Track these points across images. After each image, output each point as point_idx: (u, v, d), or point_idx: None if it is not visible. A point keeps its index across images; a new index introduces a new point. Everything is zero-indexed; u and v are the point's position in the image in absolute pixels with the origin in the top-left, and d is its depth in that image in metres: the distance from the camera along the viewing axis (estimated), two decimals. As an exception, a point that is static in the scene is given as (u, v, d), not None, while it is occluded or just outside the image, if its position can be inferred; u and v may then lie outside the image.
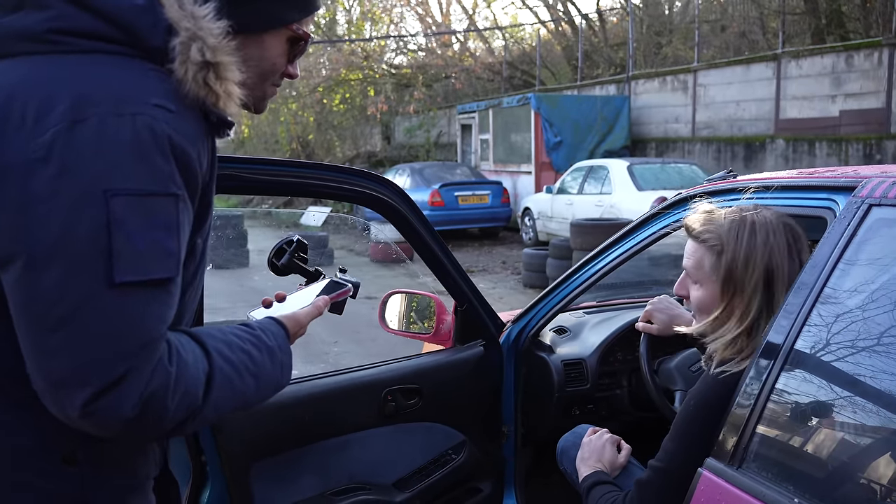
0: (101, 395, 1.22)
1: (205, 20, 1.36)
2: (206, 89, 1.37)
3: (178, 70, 1.34)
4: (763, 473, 1.62)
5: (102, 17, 1.33)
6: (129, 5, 1.34)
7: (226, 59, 1.38)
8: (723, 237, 1.98)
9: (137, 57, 1.35)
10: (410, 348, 3.30)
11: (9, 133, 1.25)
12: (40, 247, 1.22)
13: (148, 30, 1.34)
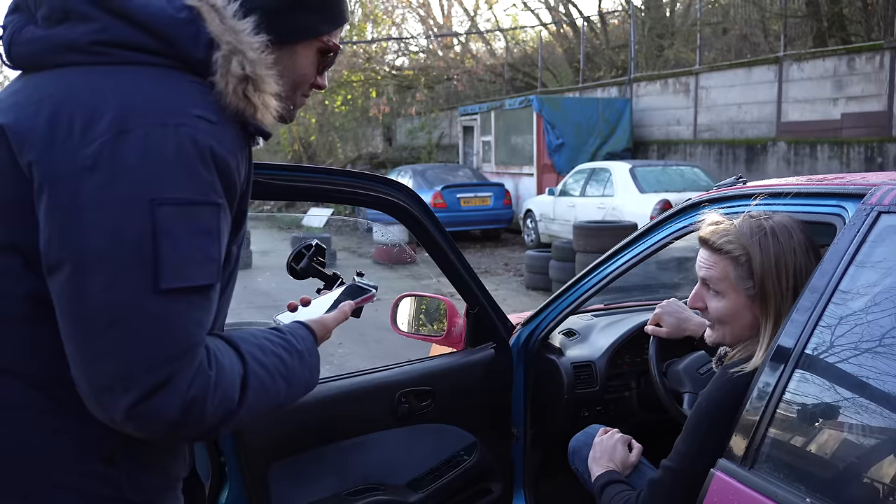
0: (145, 399, 1.26)
1: (245, 34, 1.41)
2: (245, 101, 1.41)
3: (218, 82, 1.39)
4: (775, 474, 1.66)
5: (146, 30, 1.36)
6: (171, 19, 1.37)
7: (264, 73, 1.43)
8: (746, 246, 2.01)
9: (178, 69, 1.39)
10: (415, 350, 3.34)
11: (57, 143, 1.28)
12: (88, 254, 1.26)
13: (190, 42, 1.38)
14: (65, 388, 1.34)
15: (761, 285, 2.01)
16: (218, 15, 1.40)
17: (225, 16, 1.40)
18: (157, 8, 1.37)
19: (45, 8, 1.39)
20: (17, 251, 1.33)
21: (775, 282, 1.99)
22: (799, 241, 1.99)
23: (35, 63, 1.40)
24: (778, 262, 1.97)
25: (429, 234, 2.69)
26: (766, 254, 1.99)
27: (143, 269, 1.26)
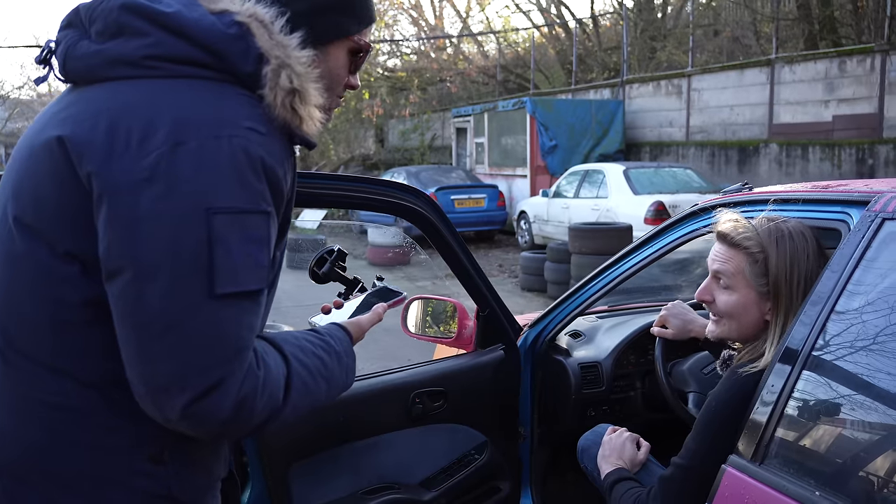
0: (200, 399, 1.32)
1: (292, 49, 1.47)
2: (292, 113, 1.47)
3: (268, 95, 1.44)
4: (785, 469, 1.73)
5: (197, 45, 1.42)
6: (222, 34, 1.43)
7: (310, 86, 1.49)
8: (765, 244, 2.09)
9: (227, 82, 1.44)
10: (414, 350, 3.39)
11: (115, 155, 1.34)
12: (147, 260, 1.32)
13: (240, 57, 1.44)
14: (118, 388, 1.40)
15: (775, 284, 2.09)
16: (267, 31, 1.45)
17: (273, 31, 1.46)
18: (208, 23, 1.43)
19: (99, 24, 1.44)
20: (76, 259, 1.38)
21: (788, 282, 2.07)
22: (812, 247, 2.06)
23: (89, 76, 1.45)
24: (792, 264, 2.05)
25: (444, 238, 2.76)
26: (782, 254, 2.06)
27: (199, 275, 1.32)
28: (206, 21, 1.43)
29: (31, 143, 1.47)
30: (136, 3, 1.43)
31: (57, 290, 1.40)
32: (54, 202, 1.39)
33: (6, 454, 1.43)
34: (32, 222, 1.41)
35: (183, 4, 1.44)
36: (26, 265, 1.41)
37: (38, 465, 1.42)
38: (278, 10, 1.48)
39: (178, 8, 1.43)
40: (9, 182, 1.49)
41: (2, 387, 1.44)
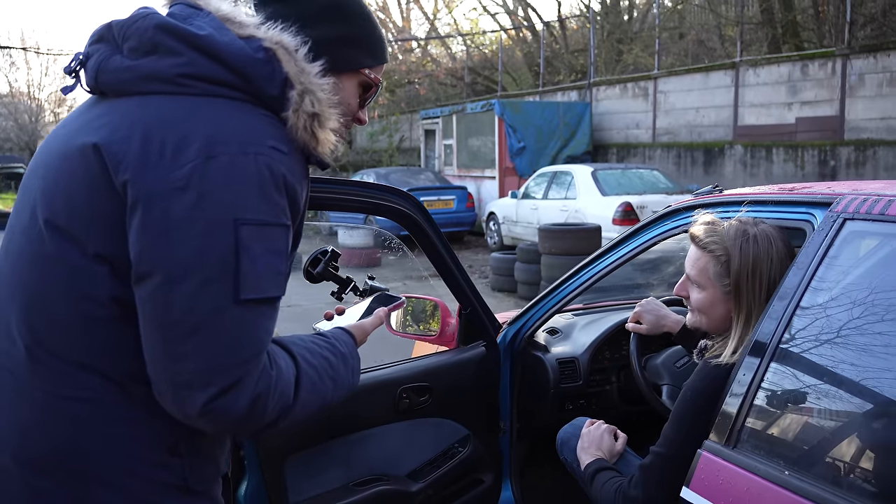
0: (219, 397, 1.41)
1: (314, 76, 1.58)
2: (310, 135, 1.58)
3: (290, 118, 1.55)
4: (756, 451, 1.87)
5: (227, 67, 1.52)
6: (251, 58, 1.53)
7: (329, 111, 1.60)
8: (728, 247, 2.22)
9: (252, 103, 1.54)
10: (391, 347, 3.48)
11: (150, 164, 1.43)
12: (178, 265, 1.41)
13: (266, 80, 1.54)
14: (138, 384, 1.49)
15: (736, 284, 2.23)
16: (292, 57, 1.56)
17: (297, 58, 1.57)
18: (238, 47, 1.53)
19: (133, 41, 1.53)
20: (106, 260, 1.47)
21: (749, 283, 2.20)
22: (778, 250, 2.19)
23: (120, 89, 1.54)
24: (755, 266, 2.18)
25: (430, 239, 2.87)
26: (744, 256, 2.20)
27: (226, 281, 1.42)
28: (236, 45, 1.54)
29: (64, 148, 1.55)
30: (170, 24, 1.53)
31: (86, 289, 1.48)
32: (88, 206, 1.47)
33: (34, 450, 1.51)
34: (65, 225, 1.49)
35: (214, 28, 1.55)
36: (57, 266, 1.49)
37: (66, 460, 1.50)
38: (302, 38, 1.59)
39: (210, 31, 1.53)
40: (36, 185, 1.57)
41: (29, 384, 1.52)
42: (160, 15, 1.57)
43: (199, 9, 1.61)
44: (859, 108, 14.86)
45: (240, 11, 1.62)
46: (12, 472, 1.51)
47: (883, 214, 1.88)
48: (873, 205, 1.92)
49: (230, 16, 1.60)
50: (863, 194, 1.98)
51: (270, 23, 1.60)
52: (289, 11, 1.64)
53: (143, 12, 1.57)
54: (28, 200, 1.59)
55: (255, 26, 1.59)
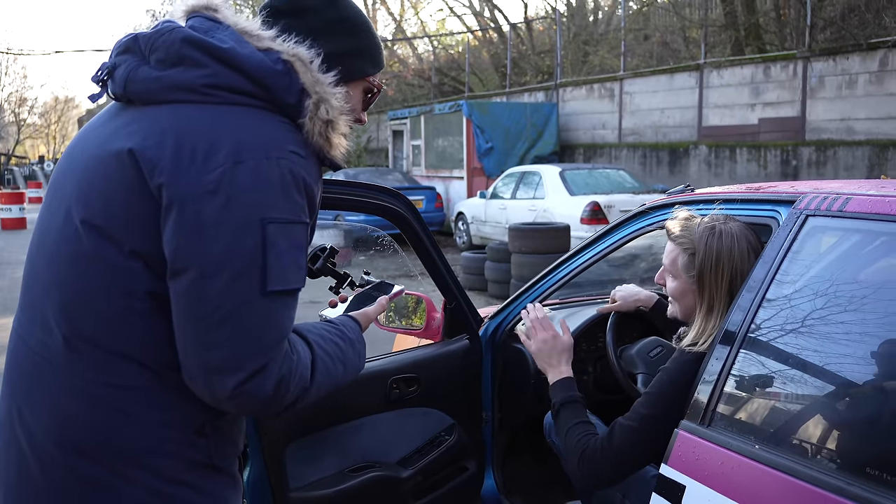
0: (249, 380, 1.55)
1: (329, 86, 1.73)
2: (324, 140, 1.72)
3: (307, 124, 1.69)
4: (730, 429, 2.03)
5: (249, 78, 1.66)
6: (270, 70, 1.67)
7: (341, 117, 1.75)
8: (695, 241, 2.40)
9: (271, 111, 1.68)
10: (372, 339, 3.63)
11: (182, 169, 1.56)
12: (210, 261, 1.54)
13: (284, 90, 1.68)
14: (171, 371, 1.63)
15: (699, 276, 2.40)
16: (308, 69, 1.70)
17: (313, 70, 1.71)
18: (258, 59, 1.67)
19: (160, 52, 1.67)
20: (141, 257, 1.60)
21: (712, 276, 2.37)
22: (741, 247, 2.36)
23: (148, 98, 1.67)
24: (717, 260, 2.36)
25: (418, 236, 3.02)
26: (708, 250, 2.37)
27: (254, 275, 1.56)
28: (256, 57, 1.67)
29: (98, 151, 1.67)
30: (196, 38, 1.66)
31: (124, 284, 1.61)
32: (124, 207, 1.60)
33: (77, 435, 1.63)
34: (102, 224, 1.62)
35: (235, 41, 1.68)
36: (95, 263, 1.62)
37: (107, 443, 1.63)
38: (315, 51, 1.74)
39: (232, 44, 1.67)
40: (71, 188, 1.70)
41: (68, 373, 1.64)
42: (185, 29, 1.70)
43: (218, 22, 1.74)
44: (820, 110, 15.20)
45: (255, 25, 1.76)
46: (55, 456, 1.64)
47: (841, 211, 2.06)
48: (832, 202, 2.09)
49: (248, 29, 1.74)
50: (823, 193, 2.16)
51: (285, 35, 1.74)
52: (300, 25, 1.78)
53: (169, 26, 1.70)
54: (62, 201, 1.71)
55: (271, 39, 1.73)
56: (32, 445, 1.66)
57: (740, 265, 2.33)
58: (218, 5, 1.77)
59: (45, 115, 74.79)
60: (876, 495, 1.65)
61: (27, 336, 1.71)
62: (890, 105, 14.09)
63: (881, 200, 1.99)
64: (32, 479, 1.66)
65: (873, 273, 1.99)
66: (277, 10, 1.81)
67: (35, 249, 1.77)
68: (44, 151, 75.37)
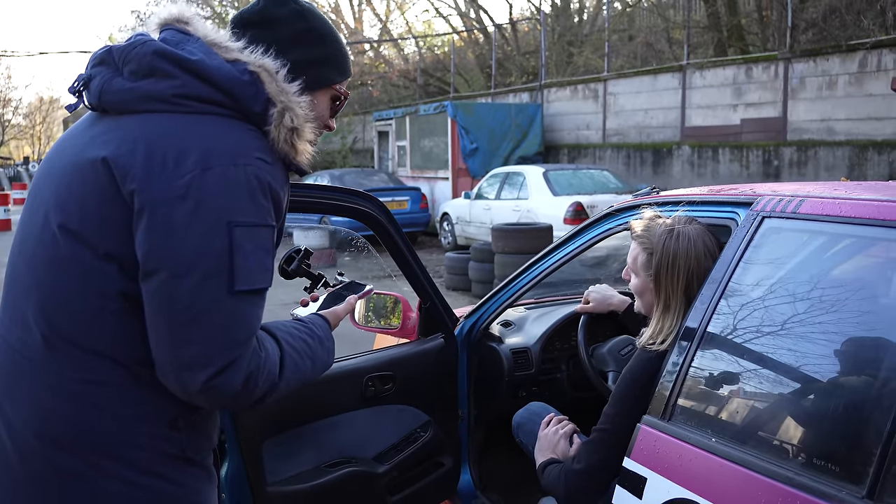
0: (218, 375, 1.63)
1: (294, 95, 1.81)
2: (290, 146, 1.80)
3: (272, 132, 1.77)
4: (688, 423, 2.11)
5: (217, 88, 1.74)
6: (237, 80, 1.75)
7: (306, 125, 1.83)
8: (654, 242, 2.48)
9: (239, 119, 1.76)
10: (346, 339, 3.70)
11: (153, 175, 1.64)
12: (180, 262, 1.62)
13: (251, 99, 1.76)
14: (144, 367, 1.71)
15: (655, 275, 2.48)
16: (273, 79, 1.78)
17: (278, 80, 1.79)
18: (226, 70, 1.75)
19: (133, 65, 1.74)
20: (114, 259, 1.68)
21: (668, 275, 2.45)
22: (698, 250, 2.43)
23: (122, 108, 1.75)
24: (674, 261, 2.43)
25: (392, 238, 3.09)
26: (666, 252, 2.45)
27: (222, 275, 1.64)
28: (224, 68, 1.76)
29: (75, 159, 1.75)
30: (166, 50, 1.74)
31: (98, 285, 1.69)
32: (98, 212, 1.68)
33: (55, 428, 1.71)
34: (77, 228, 1.70)
35: (204, 53, 1.76)
36: (72, 265, 1.70)
37: (83, 436, 1.70)
38: (281, 61, 1.82)
39: (201, 56, 1.75)
40: (49, 193, 1.77)
41: (48, 370, 1.72)
42: (156, 41, 1.78)
43: (188, 34, 1.82)
44: (801, 110, 15.33)
45: (224, 36, 1.85)
46: (35, 448, 1.71)
47: (795, 213, 2.14)
48: (787, 204, 2.18)
49: (216, 41, 1.82)
50: (778, 195, 2.24)
51: (252, 47, 1.82)
52: (268, 36, 1.86)
53: (141, 39, 1.79)
54: (40, 206, 1.79)
55: (239, 50, 1.81)
56: (13, 438, 1.73)
57: (696, 267, 2.41)
58: (189, 18, 1.85)
59: (29, 116, 74.50)
60: (821, 484, 1.74)
61: (8, 335, 1.78)
62: (869, 106, 14.23)
63: (832, 203, 2.07)
64: (13, 469, 1.74)
65: (823, 272, 2.07)
66: (247, 22, 1.89)
67: (16, 252, 1.84)
68: (29, 152, 74.95)
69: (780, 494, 1.79)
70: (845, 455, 1.78)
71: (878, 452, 1.66)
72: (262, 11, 1.89)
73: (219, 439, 2.69)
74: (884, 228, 1.91)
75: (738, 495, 1.90)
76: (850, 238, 2.05)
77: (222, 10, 33.29)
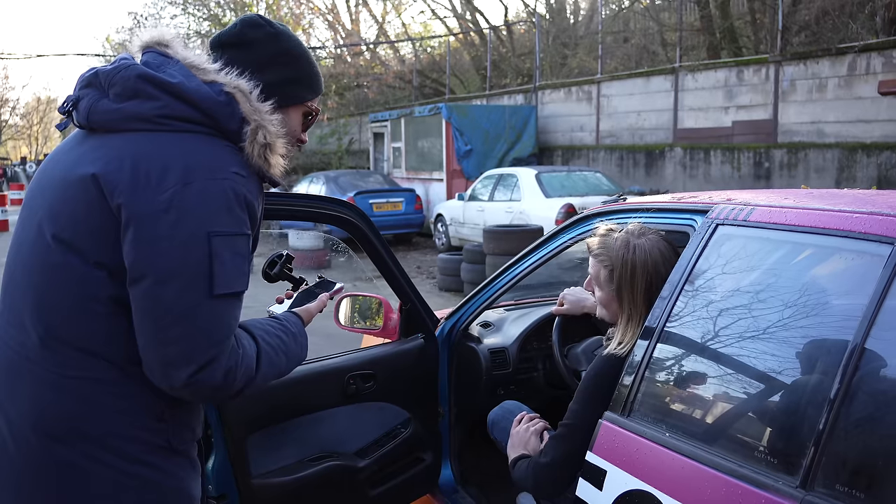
0: (200, 370, 1.78)
1: (266, 114, 1.95)
2: (263, 161, 1.95)
3: (247, 148, 1.92)
4: (645, 419, 2.24)
5: (196, 108, 1.88)
6: (214, 101, 1.90)
7: (278, 141, 1.97)
8: (612, 258, 2.60)
9: (216, 136, 1.91)
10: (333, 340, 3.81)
11: (138, 190, 1.79)
12: (164, 269, 1.77)
13: (227, 118, 1.91)
14: (133, 364, 1.85)
15: (618, 289, 2.61)
16: (247, 99, 1.93)
17: (252, 100, 1.94)
18: (204, 92, 1.89)
19: (117, 87, 1.89)
20: (104, 266, 1.83)
21: (629, 287, 2.58)
22: (654, 258, 2.55)
23: (109, 127, 1.90)
24: (633, 273, 2.56)
25: (372, 243, 3.22)
26: (625, 266, 2.57)
27: (203, 280, 1.78)
28: (202, 90, 1.90)
29: (65, 174, 1.90)
30: (149, 74, 1.89)
31: (89, 290, 1.83)
32: (88, 224, 1.83)
33: (52, 423, 1.85)
34: (69, 239, 1.84)
35: (183, 76, 1.91)
36: (64, 272, 1.84)
37: (76, 428, 1.85)
38: (255, 82, 1.96)
39: (181, 79, 1.89)
40: (43, 205, 1.92)
41: (44, 368, 1.86)
42: (139, 65, 1.92)
43: (169, 57, 1.97)
44: (791, 113, 15.48)
45: (202, 58, 1.99)
46: (31, 441, 1.86)
47: (746, 220, 2.27)
48: (739, 212, 2.31)
49: (195, 63, 1.96)
50: (732, 203, 2.37)
51: (228, 68, 1.97)
52: (243, 57, 2.01)
53: (125, 63, 1.93)
54: (34, 217, 1.94)
55: (215, 72, 1.96)
56: (11, 432, 1.88)
57: (654, 275, 2.53)
58: (169, 41, 2.00)
59: (27, 116, 74.54)
60: (760, 475, 1.87)
61: (6, 337, 1.93)
62: (858, 109, 14.38)
63: (779, 211, 2.20)
64: (13, 461, 1.88)
65: (769, 276, 2.19)
66: (225, 43, 2.04)
67: (12, 259, 1.99)
68: (26, 152, 75.00)
69: (724, 485, 1.92)
70: (782, 448, 1.90)
71: (811, 446, 1.79)
72: (238, 34, 2.04)
73: (205, 433, 2.83)
74: (824, 236, 2.04)
75: (687, 486, 2.02)
76: (794, 245, 2.17)
77: (218, 10, 33.40)
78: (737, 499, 1.88)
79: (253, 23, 2.05)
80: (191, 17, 34.87)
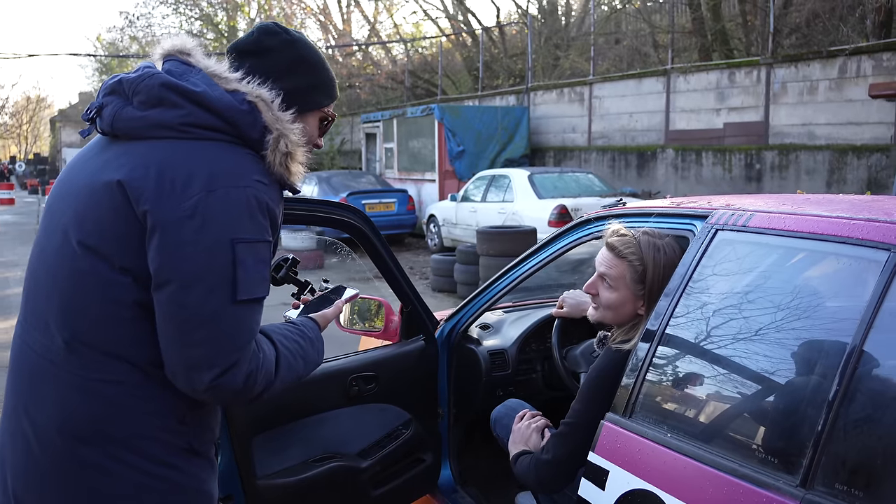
0: (223, 374, 1.82)
1: (287, 123, 1.99)
2: (284, 169, 1.98)
3: (269, 156, 1.95)
4: (647, 420, 2.28)
5: (219, 116, 1.91)
6: (237, 109, 1.93)
7: (299, 150, 2.01)
8: (645, 258, 2.65)
9: (238, 144, 1.94)
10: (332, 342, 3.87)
11: (163, 197, 1.82)
12: (189, 275, 1.80)
13: (249, 127, 1.94)
14: (156, 368, 1.89)
15: (650, 290, 2.65)
16: (269, 108, 1.96)
17: (273, 109, 1.97)
18: (227, 100, 1.93)
19: (142, 95, 1.92)
20: (129, 272, 1.86)
21: (659, 287, 2.60)
22: (676, 260, 2.57)
23: (133, 134, 1.93)
24: (665, 274, 2.59)
25: (374, 246, 3.26)
26: (657, 266, 2.63)
27: (226, 286, 1.82)
28: (225, 99, 1.93)
29: (90, 181, 1.93)
30: (172, 83, 1.92)
31: (115, 294, 1.87)
32: (114, 230, 1.86)
33: (76, 424, 1.89)
34: (96, 245, 1.88)
35: (206, 84, 1.94)
36: (90, 277, 1.88)
37: (101, 430, 1.88)
38: (276, 91, 1.99)
39: (204, 88, 1.93)
40: (67, 211, 1.95)
41: (69, 371, 1.89)
42: (162, 74, 1.96)
43: (190, 65, 2.00)
44: (782, 115, 15.57)
45: (224, 67, 2.03)
46: (56, 442, 1.90)
47: (745, 226, 2.32)
48: (738, 218, 2.36)
49: (217, 72, 2.00)
50: (731, 209, 2.42)
51: (250, 77, 2.00)
52: (263, 65, 2.04)
53: (149, 72, 1.96)
54: (58, 224, 1.97)
55: (237, 81, 1.99)
56: (37, 434, 1.92)
57: None
58: (191, 50, 2.03)
59: (16, 115, 74.37)
60: (761, 474, 1.92)
61: (31, 341, 1.97)
62: (848, 111, 14.48)
63: (777, 217, 2.25)
64: (38, 463, 1.92)
65: (769, 280, 2.24)
66: (243, 51, 2.07)
67: (35, 265, 2.02)
68: (15, 152, 74.83)
69: (726, 484, 1.97)
70: (783, 448, 1.96)
71: (811, 446, 1.84)
72: (256, 42, 2.07)
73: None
74: (822, 242, 2.10)
75: (689, 485, 2.07)
76: (793, 250, 2.22)
77: (210, 10, 33.38)
78: (738, 498, 1.93)
79: (269, 30, 2.08)
80: (182, 16, 34.95)
